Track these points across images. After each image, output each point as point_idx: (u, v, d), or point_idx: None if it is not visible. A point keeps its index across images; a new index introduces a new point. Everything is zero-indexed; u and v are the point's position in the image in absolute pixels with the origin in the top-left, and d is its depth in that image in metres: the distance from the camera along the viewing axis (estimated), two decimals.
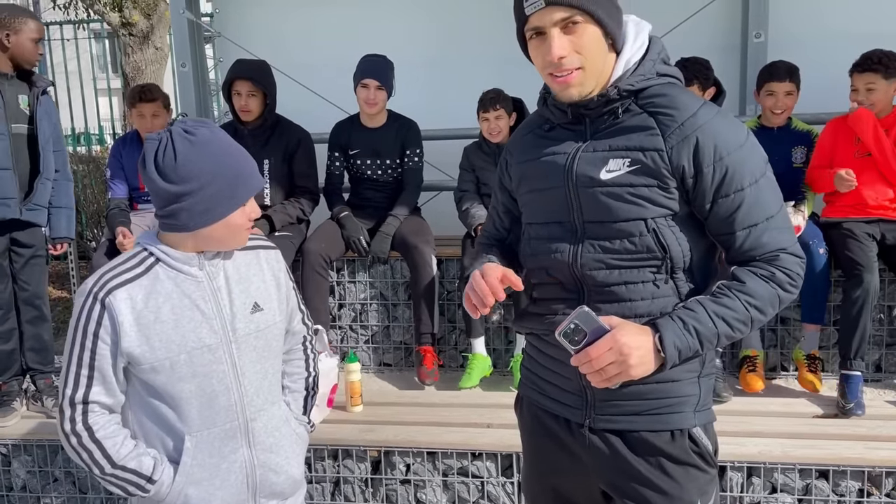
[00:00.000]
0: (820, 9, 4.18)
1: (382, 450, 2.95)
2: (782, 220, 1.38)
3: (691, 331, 1.32)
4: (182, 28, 4.66)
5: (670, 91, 1.39)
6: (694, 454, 1.44)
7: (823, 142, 3.38)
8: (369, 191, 3.91)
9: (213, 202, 1.49)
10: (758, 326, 1.39)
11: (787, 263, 1.36)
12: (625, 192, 1.37)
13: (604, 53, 1.38)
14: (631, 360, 1.28)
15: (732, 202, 1.35)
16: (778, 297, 1.36)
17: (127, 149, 3.92)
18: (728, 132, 1.35)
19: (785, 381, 3.51)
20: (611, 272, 1.41)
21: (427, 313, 3.56)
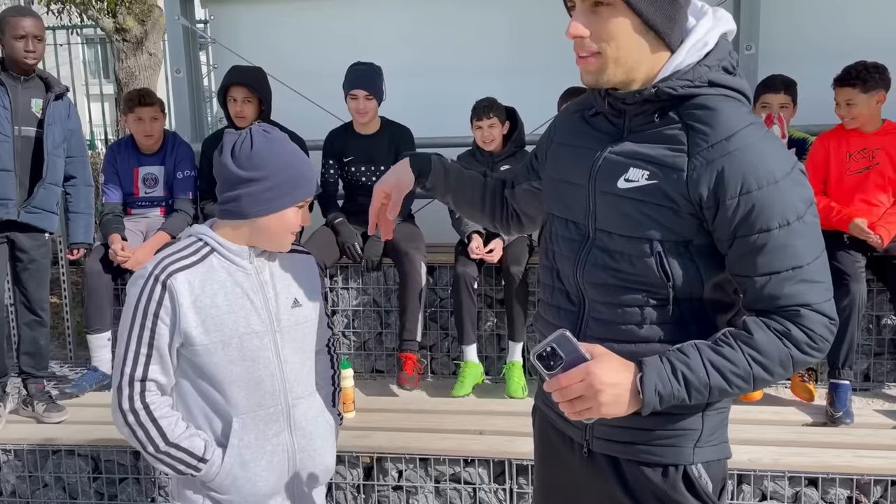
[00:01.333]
0: (811, 22, 4.24)
1: (375, 456, 2.95)
2: (815, 273, 1.20)
3: (679, 377, 1.18)
4: (177, 34, 4.67)
5: (718, 105, 1.22)
6: (687, 491, 1.32)
7: (815, 160, 3.39)
8: (364, 197, 3.91)
9: (274, 193, 1.61)
10: (763, 386, 1.24)
11: (809, 322, 1.19)
12: (635, 207, 1.25)
13: (638, 47, 1.22)
14: (601, 398, 1.15)
15: (755, 243, 1.19)
16: (791, 357, 1.20)
17: (122, 154, 3.92)
18: (764, 163, 1.17)
19: (775, 389, 3.53)
20: (608, 289, 1.31)
21: (412, 320, 3.57)
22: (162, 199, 3.96)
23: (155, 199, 3.95)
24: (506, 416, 3.17)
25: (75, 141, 3.50)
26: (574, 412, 1.19)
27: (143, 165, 3.90)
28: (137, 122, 3.80)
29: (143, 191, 3.91)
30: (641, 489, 1.34)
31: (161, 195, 3.94)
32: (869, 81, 3.17)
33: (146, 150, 3.90)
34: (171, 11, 4.68)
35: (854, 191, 3.29)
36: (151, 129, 3.82)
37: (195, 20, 4.86)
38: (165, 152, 3.93)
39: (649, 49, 1.23)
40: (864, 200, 3.29)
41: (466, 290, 3.49)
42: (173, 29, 4.71)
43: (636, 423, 1.29)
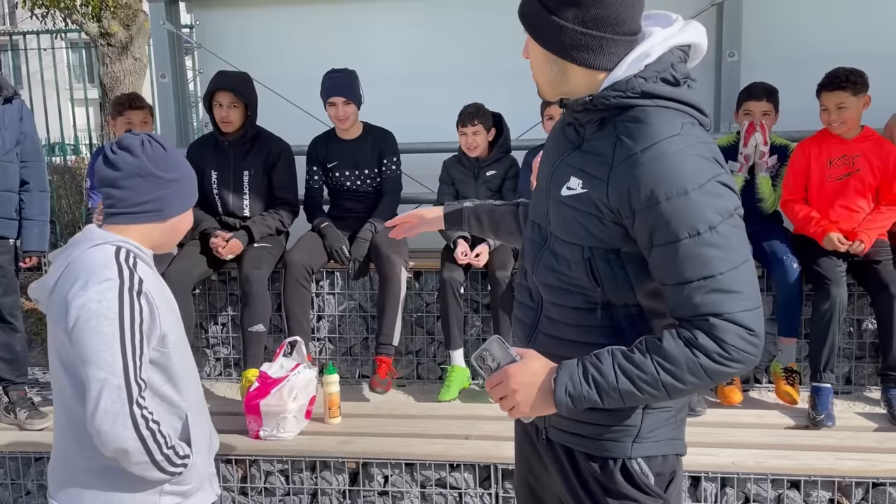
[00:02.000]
0: (792, 29, 4.29)
1: (360, 461, 2.95)
2: (729, 283, 1.20)
3: (590, 380, 1.25)
4: (162, 39, 4.67)
5: (647, 116, 1.27)
6: (626, 482, 1.38)
7: (796, 167, 3.43)
8: (349, 201, 3.93)
9: (189, 191, 1.72)
10: (680, 394, 1.27)
11: (719, 331, 1.20)
12: (572, 213, 1.34)
13: (552, 71, 1.34)
14: (517, 396, 1.28)
15: (667, 252, 1.22)
16: (700, 366, 1.21)
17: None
18: (675, 175, 1.20)
19: (759, 393, 3.56)
20: (552, 290, 1.39)
21: (389, 324, 3.57)
22: None
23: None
24: (492, 420, 3.18)
25: (28, 144, 3.44)
26: (505, 410, 1.32)
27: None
28: (127, 125, 3.74)
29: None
30: (588, 478, 1.41)
31: None
32: (858, 84, 3.22)
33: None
34: (156, 16, 4.68)
35: (835, 197, 3.33)
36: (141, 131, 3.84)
37: (180, 25, 4.85)
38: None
39: (564, 69, 1.33)
40: (845, 206, 3.33)
41: (453, 295, 3.50)
42: (158, 34, 4.70)
43: (583, 417, 1.37)
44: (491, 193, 3.77)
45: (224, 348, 3.94)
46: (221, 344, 3.93)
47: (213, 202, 3.81)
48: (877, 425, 3.07)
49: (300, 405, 3.10)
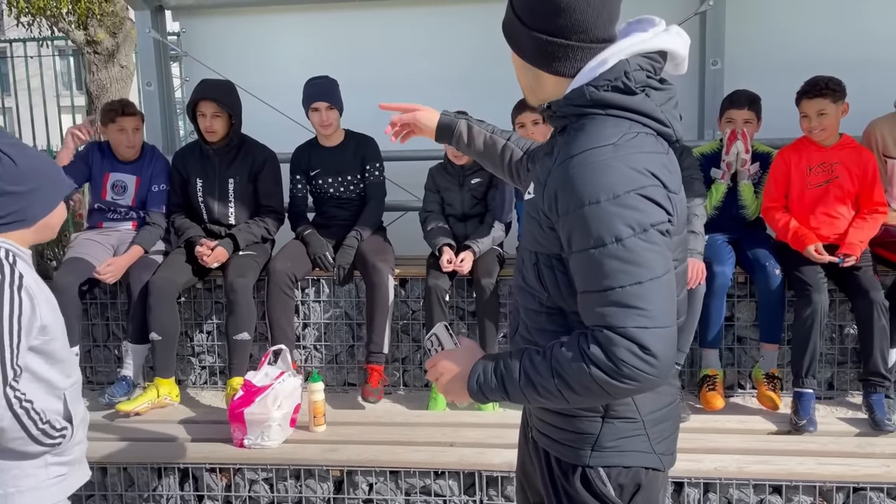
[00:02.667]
0: (775, 37, 4.34)
1: (345, 469, 2.94)
2: (630, 298, 1.17)
3: (498, 375, 1.31)
4: (148, 47, 4.67)
5: (590, 125, 1.27)
6: (585, 490, 1.38)
7: (776, 174, 3.46)
8: (334, 209, 3.93)
9: (53, 189, 1.79)
10: (579, 401, 1.25)
11: (611, 344, 1.17)
12: (526, 219, 1.42)
13: (532, 78, 1.38)
14: (442, 380, 1.39)
15: (578, 260, 1.23)
16: (591, 377, 1.19)
17: (96, 155, 3.89)
18: (592, 184, 1.20)
19: (742, 398, 3.58)
20: (519, 292, 1.47)
21: (379, 333, 3.57)
22: (130, 210, 3.89)
23: (122, 209, 3.88)
24: (477, 427, 3.18)
25: None
26: (440, 392, 1.43)
27: (115, 171, 3.85)
28: (119, 132, 3.77)
29: (110, 195, 3.85)
30: (557, 480, 1.44)
31: (128, 205, 3.87)
32: (838, 91, 3.26)
33: (124, 158, 3.86)
34: (142, 24, 4.68)
35: (815, 204, 3.37)
36: (133, 139, 3.79)
37: (166, 33, 4.85)
38: (143, 163, 3.87)
39: (538, 77, 1.37)
40: (826, 213, 3.36)
41: (438, 303, 3.51)
42: (144, 42, 4.70)
43: (552, 421, 1.43)
44: (476, 201, 3.78)
45: (209, 356, 3.92)
46: (206, 352, 3.92)
47: (199, 210, 3.80)
48: (858, 430, 3.09)
49: (285, 413, 3.10)
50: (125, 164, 3.86)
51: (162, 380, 3.53)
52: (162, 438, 3.19)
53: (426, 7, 4.59)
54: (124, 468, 3.05)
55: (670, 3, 4.37)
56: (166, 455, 3.04)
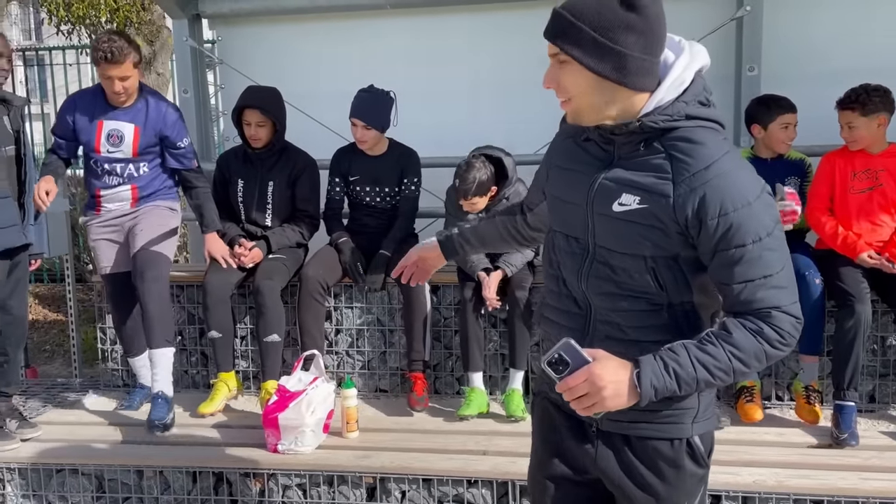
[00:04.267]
0: (813, 43, 4.26)
1: (378, 476, 2.94)
2: (782, 280, 1.39)
3: (671, 372, 1.37)
4: (185, 55, 4.73)
5: (697, 136, 1.40)
6: (688, 458, 1.55)
7: (821, 178, 3.40)
8: (367, 217, 3.95)
9: None
10: (742, 378, 1.45)
11: (779, 321, 1.39)
12: (630, 228, 1.44)
13: (600, 94, 1.40)
14: (604, 392, 1.36)
15: (733, 256, 1.38)
16: (764, 352, 1.39)
17: (85, 101, 3.49)
18: (738, 188, 1.37)
19: (780, 410, 3.52)
20: (612, 298, 1.49)
21: (419, 340, 3.57)
22: (127, 165, 3.49)
23: (120, 165, 3.48)
24: (510, 436, 3.16)
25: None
26: (582, 408, 1.39)
27: (109, 119, 3.44)
28: (106, 80, 3.33)
29: (105, 148, 3.45)
30: (652, 458, 1.55)
31: (127, 157, 3.47)
32: (868, 105, 3.19)
33: (117, 105, 3.45)
34: (179, 33, 4.74)
35: (858, 210, 3.30)
36: (122, 87, 3.34)
37: (203, 41, 4.92)
38: (144, 112, 3.46)
39: (614, 94, 1.40)
40: (869, 220, 3.30)
41: (473, 315, 3.49)
42: (181, 50, 4.77)
43: (648, 406, 1.45)
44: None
45: (243, 361, 3.96)
46: (241, 357, 3.96)
47: (238, 210, 3.87)
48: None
49: (318, 419, 3.11)
50: (121, 111, 3.44)
51: (225, 374, 3.63)
52: (197, 442, 3.23)
53: (463, 14, 4.59)
54: (160, 471, 3.09)
55: (706, 9, 4.32)
56: (201, 459, 3.07)
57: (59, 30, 7.19)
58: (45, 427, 3.44)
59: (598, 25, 1.35)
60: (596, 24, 1.35)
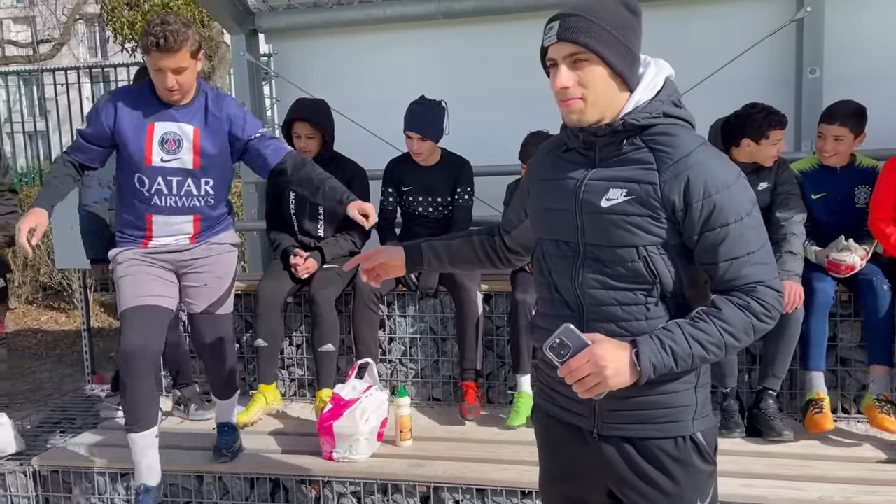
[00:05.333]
0: (877, 44, 4.12)
1: (432, 485, 2.95)
2: (763, 256, 1.50)
3: (667, 349, 1.45)
4: (242, 69, 4.86)
5: (673, 131, 1.52)
6: (694, 454, 1.58)
7: (885, 185, 3.25)
8: (420, 227, 3.97)
9: None
10: (732, 352, 1.52)
11: (763, 295, 1.48)
12: (620, 219, 1.51)
13: (610, 90, 1.51)
14: (607, 371, 1.42)
15: (717, 236, 1.47)
16: (752, 325, 1.48)
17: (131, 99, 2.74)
18: (718, 172, 1.48)
19: (846, 423, 3.39)
20: (607, 292, 1.55)
21: (471, 349, 3.57)
22: (188, 178, 2.77)
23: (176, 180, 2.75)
24: None
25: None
26: (585, 390, 1.45)
27: (162, 119, 2.72)
28: (156, 72, 2.62)
29: (158, 156, 2.71)
30: (656, 459, 1.57)
31: (187, 168, 2.75)
32: None
33: (170, 103, 2.75)
34: (237, 48, 4.87)
35: None
36: (175, 82, 2.63)
37: (259, 55, 5.03)
38: (202, 110, 2.77)
39: (617, 91, 1.52)
40: None
41: (525, 319, 3.48)
42: (239, 64, 4.89)
43: (646, 405, 1.56)
44: None
45: (298, 369, 4.02)
46: (296, 365, 4.02)
47: (290, 222, 3.92)
48: None
49: (372, 427, 3.13)
50: (177, 110, 2.74)
51: (266, 386, 3.69)
52: (254, 450, 3.28)
53: (512, 22, 4.60)
54: (219, 477, 3.15)
55: (765, 11, 4.23)
56: (259, 466, 3.13)
57: (124, 47, 7.45)
58: (111, 433, 3.55)
59: (615, 25, 1.48)
60: (613, 24, 1.48)
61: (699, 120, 1.64)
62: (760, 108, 3.22)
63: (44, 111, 12.54)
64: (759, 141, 3.21)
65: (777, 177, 3.32)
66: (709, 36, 4.32)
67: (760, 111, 3.20)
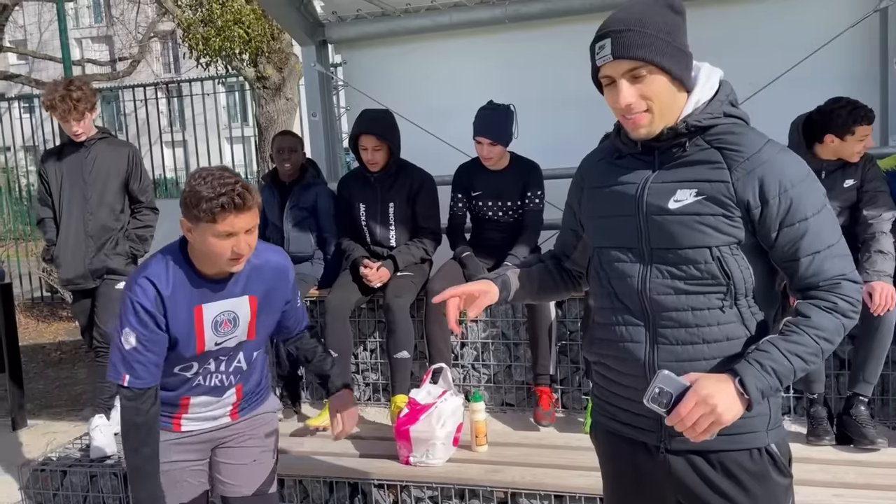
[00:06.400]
0: None
1: (509, 491, 2.94)
2: (841, 249, 1.47)
3: (769, 371, 1.40)
4: (313, 80, 4.96)
5: (737, 129, 1.50)
6: (770, 467, 1.53)
7: None
8: (490, 231, 3.97)
9: None
10: (828, 355, 1.47)
11: (847, 290, 1.44)
12: (691, 220, 1.48)
13: (672, 95, 1.49)
14: (719, 409, 1.37)
15: (797, 231, 1.45)
16: (843, 325, 1.44)
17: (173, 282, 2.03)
18: (791, 167, 1.46)
19: None
20: (678, 297, 1.51)
21: (544, 354, 3.55)
22: (238, 351, 2.19)
23: (226, 359, 2.18)
24: None
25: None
26: (699, 433, 1.39)
27: (210, 300, 2.07)
28: (224, 238, 1.94)
29: (212, 342, 2.10)
30: (730, 472, 1.52)
31: (241, 340, 2.16)
32: None
33: (218, 275, 2.07)
34: (308, 59, 4.98)
35: None
36: (247, 245, 1.98)
37: (329, 65, 5.13)
38: (253, 270, 2.13)
39: (677, 95, 1.50)
40: None
41: None
42: (310, 75, 5.00)
43: None
44: None
45: (373, 374, 4.07)
46: (370, 369, 4.07)
47: (362, 233, 3.97)
48: None
49: (448, 432, 3.15)
50: (220, 283, 2.08)
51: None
52: (333, 453, 3.34)
53: (578, 24, 4.54)
54: (300, 481, 3.22)
55: (845, 2, 4.07)
56: (337, 470, 3.18)
57: (199, 63, 7.71)
58: None
59: (666, 31, 1.45)
60: (664, 30, 1.44)
61: (776, 116, 1.63)
62: (845, 102, 3.10)
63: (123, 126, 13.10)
64: (843, 137, 3.09)
65: (864, 174, 3.19)
66: (787, 29, 4.19)
67: (845, 105, 3.08)
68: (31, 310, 8.77)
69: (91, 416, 3.70)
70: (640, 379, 1.53)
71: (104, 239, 3.66)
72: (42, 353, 7.12)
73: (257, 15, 6.97)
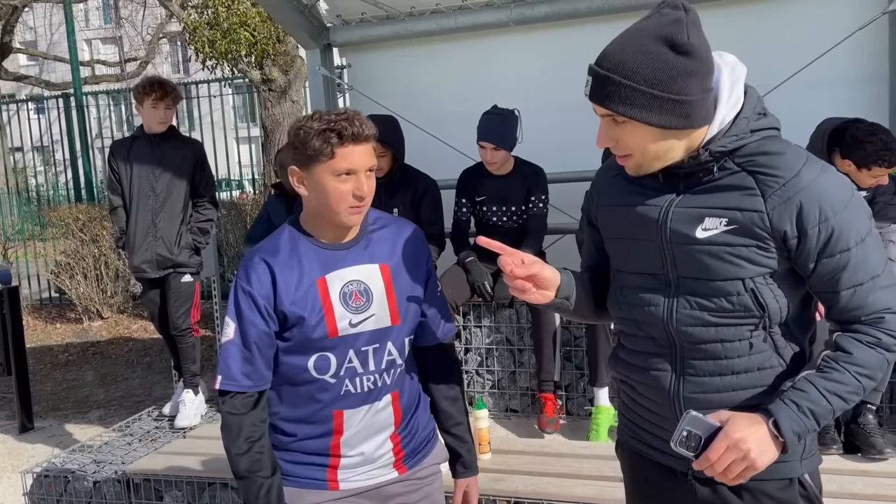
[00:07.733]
0: None
1: (513, 500, 2.91)
2: (887, 279, 1.34)
3: (807, 412, 1.31)
4: (317, 83, 4.95)
5: (770, 147, 1.36)
6: (802, 499, 1.45)
7: None
8: (494, 236, 3.85)
9: None
10: (869, 390, 1.38)
11: (892, 325, 1.33)
12: (722, 251, 1.36)
13: (663, 143, 1.34)
14: (752, 454, 1.29)
15: (838, 262, 1.33)
16: (886, 360, 1.34)
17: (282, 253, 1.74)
18: (833, 192, 1.32)
19: None
20: (707, 329, 1.40)
21: (549, 360, 3.53)
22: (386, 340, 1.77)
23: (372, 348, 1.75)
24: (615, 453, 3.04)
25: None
26: (732, 478, 1.30)
27: (333, 268, 1.75)
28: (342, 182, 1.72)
29: (345, 321, 1.72)
30: (761, 502, 1.43)
31: (384, 325, 1.77)
32: None
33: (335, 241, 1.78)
34: (312, 62, 4.97)
35: None
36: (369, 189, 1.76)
37: (333, 68, 5.12)
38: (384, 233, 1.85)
39: (679, 137, 1.35)
40: None
41: (602, 330, 3.41)
42: (315, 78, 4.99)
43: None
44: None
45: None
46: None
47: None
48: None
49: None
50: (348, 248, 1.78)
51: None
52: None
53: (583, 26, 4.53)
54: None
55: (853, 4, 4.02)
56: None
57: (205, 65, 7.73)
58: (198, 441, 3.67)
59: (654, 81, 1.28)
60: (652, 79, 1.28)
61: (784, 118, 1.49)
62: (879, 139, 2.99)
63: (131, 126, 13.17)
64: (860, 168, 3.06)
65: (877, 185, 3.16)
66: (796, 31, 4.14)
67: (876, 143, 2.99)
68: (39, 311, 8.81)
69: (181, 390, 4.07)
70: (665, 407, 1.47)
71: (170, 230, 3.89)
72: (49, 355, 7.15)
73: (262, 18, 6.97)
